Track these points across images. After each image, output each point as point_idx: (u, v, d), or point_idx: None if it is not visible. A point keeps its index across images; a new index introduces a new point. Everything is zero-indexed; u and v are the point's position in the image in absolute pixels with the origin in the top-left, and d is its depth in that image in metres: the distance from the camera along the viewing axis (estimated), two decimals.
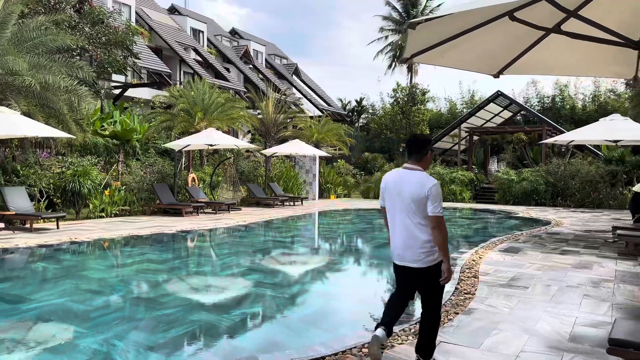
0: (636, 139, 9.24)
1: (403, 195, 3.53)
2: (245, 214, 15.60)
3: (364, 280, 7.30)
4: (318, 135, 25.12)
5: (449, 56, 3.68)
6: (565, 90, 34.24)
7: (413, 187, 3.49)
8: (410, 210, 3.50)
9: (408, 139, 3.73)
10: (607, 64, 3.94)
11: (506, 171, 23.96)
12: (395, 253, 3.68)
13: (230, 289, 6.46)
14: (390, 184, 3.67)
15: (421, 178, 3.51)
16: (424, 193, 3.44)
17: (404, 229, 3.56)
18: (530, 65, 4.01)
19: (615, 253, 9.11)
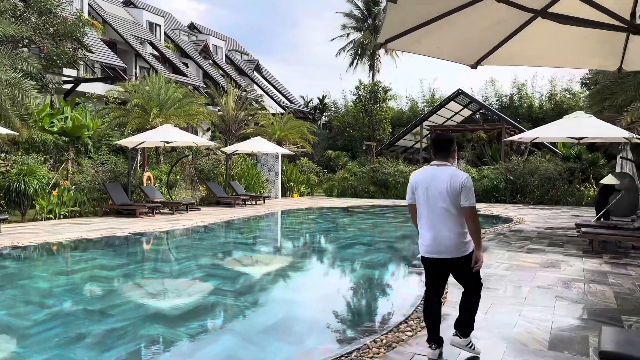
0: (599, 136, 9.25)
1: (437, 191, 3.67)
2: (205, 214, 14.99)
3: (330, 284, 6.94)
4: (280, 133, 24.67)
5: (426, 43, 3.35)
6: (523, 89, 34.97)
7: (447, 181, 3.64)
8: (445, 204, 3.64)
9: (434, 139, 3.90)
10: (591, 56, 3.73)
11: (467, 169, 24.15)
12: (429, 247, 3.75)
13: (186, 297, 5.96)
14: (421, 182, 3.79)
15: (453, 173, 3.69)
16: (458, 186, 3.61)
17: (439, 223, 3.68)
18: (510, 56, 3.74)
19: (580, 251, 9.10)
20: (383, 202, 21.86)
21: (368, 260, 8.43)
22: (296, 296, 6.01)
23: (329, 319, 5.14)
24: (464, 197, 3.60)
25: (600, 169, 21.42)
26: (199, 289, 6.35)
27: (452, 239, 3.65)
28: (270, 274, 7.38)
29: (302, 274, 7.52)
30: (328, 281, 7.00)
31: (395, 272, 7.65)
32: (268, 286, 6.63)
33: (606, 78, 12.10)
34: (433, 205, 3.69)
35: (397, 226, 13.40)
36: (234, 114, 21.61)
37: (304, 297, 5.95)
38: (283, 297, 6.06)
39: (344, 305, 5.68)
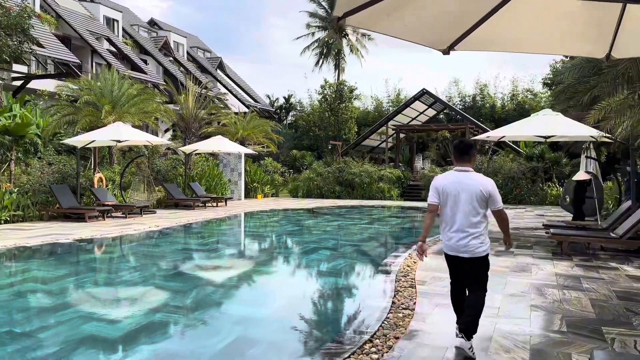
0: (567, 135, 9.02)
1: (467, 195, 3.92)
2: (160, 218, 14.17)
3: (290, 297, 6.36)
4: (243, 132, 23.92)
5: (391, 21, 2.83)
6: (485, 89, 35.25)
7: (476, 187, 3.92)
8: (472, 207, 3.91)
9: (456, 145, 4.14)
10: (577, 41, 3.32)
11: (432, 168, 24.02)
12: (455, 247, 3.99)
13: (128, 316, 5.28)
14: (448, 186, 4.01)
15: (479, 178, 3.99)
16: (487, 191, 3.91)
17: (462, 224, 3.93)
18: (487, 40, 3.29)
19: (549, 253, 8.83)
20: (349, 203, 21.44)
21: (331, 268, 7.91)
22: (252, 312, 5.41)
23: (286, 339, 4.57)
24: (493, 201, 3.94)
25: (562, 168, 21.61)
26: (144, 304, 5.67)
27: (474, 240, 3.92)
28: (225, 285, 6.75)
29: (260, 286, 6.93)
30: (287, 294, 6.42)
31: (360, 282, 7.15)
32: (222, 300, 6.01)
33: (572, 76, 12.00)
34: (462, 208, 3.94)
35: (362, 228, 12.95)
36: (193, 112, 20.72)
37: (260, 314, 5.36)
38: (238, 313, 5.45)
39: (304, 323, 5.12)
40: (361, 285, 6.78)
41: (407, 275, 6.77)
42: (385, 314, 4.97)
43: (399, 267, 7.29)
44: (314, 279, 7.13)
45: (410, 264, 7.55)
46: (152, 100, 17.68)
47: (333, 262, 8.37)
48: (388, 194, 23.68)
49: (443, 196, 4.04)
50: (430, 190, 4.18)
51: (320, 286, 6.68)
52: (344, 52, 45.47)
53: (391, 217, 16.42)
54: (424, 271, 7.04)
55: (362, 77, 71.91)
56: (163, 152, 19.39)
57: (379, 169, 24.38)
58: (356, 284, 6.86)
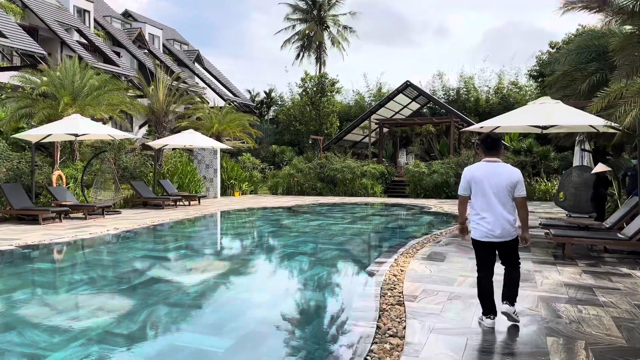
0: (569, 123, 8.13)
1: (497, 184, 4.25)
2: (123, 219, 12.99)
3: (259, 320, 5.31)
4: (219, 126, 22.72)
5: None
6: (470, 82, 34.49)
7: (506, 176, 4.26)
8: (503, 195, 4.25)
9: (485, 138, 4.51)
10: None
11: (417, 164, 23.14)
12: (489, 232, 4.31)
13: (61, 347, 4.18)
14: (479, 176, 4.34)
15: (509, 168, 4.32)
16: (515, 180, 4.26)
17: (499, 212, 4.27)
18: None
19: (550, 256, 7.93)
20: (330, 200, 20.44)
21: (307, 279, 6.88)
22: (210, 343, 4.36)
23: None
24: (519, 188, 4.26)
25: (551, 162, 20.90)
26: (76, 335, 4.55)
27: (508, 225, 4.28)
28: (182, 305, 5.66)
29: (221, 306, 5.85)
30: (251, 317, 5.37)
31: (338, 298, 6.12)
32: (175, 326, 4.93)
33: (568, 63, 11.12)
34: (496, 196, 4.26)
35: (344, 229, 11.95)
36: (164, 105, 19.46)
37: (219, 344, 4.31)
38: (191, 345, 4.38)
39: (275, 355, 4.09)
40: (339, 303, 5.76)
41: (393, 287, 5.78)
42: (368, 345, 3.96)
43: (384, 277, 6.30)
44: (285, 296, 6.09)
45: (396, 273, 6.56)
46: (117, 92, 16.37)
47: (309, 271, 7.34)
48: (371, 190, 22.74)
49: (475, 186, 4.37)
50: (461, 182, 4.53)
51: (292, 306, 5.64)
52: (325, 45, 44.38)
53: (375, 215, 15.46)
54: (413, 282, 6.06)
55: (344, 71, 71.02)
56: (131, 147, 18.08)
57: (361, 165, 23.41)
58: (334, 301, 5.84)
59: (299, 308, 5.43)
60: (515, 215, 4.32)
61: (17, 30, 27.02)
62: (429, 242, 9.39)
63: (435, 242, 9.39)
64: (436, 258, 7.71)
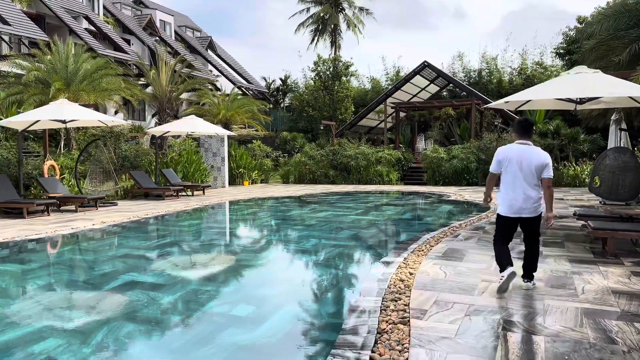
0: (613, 95, 6.86)
1: (527, 165, 4.70)
2: (117, 211, 12.13)
3: (244, 342, 4.31)
4: (227, 113, 21.73)
5: None
6: (492, 63, 32.80)
7: (536, 158, 4.71)
8: (531, 175, 4.70)
9: (520, 122, 4.92)
10: None
11: (435, 149, 21.84)
12: (515, 208, 4.76)
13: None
14: (512, 156, 4.76)
15: (539, 151, 4.80)
16: (544, 162, 4.71)
17: (525, 190, 4.70)
18: None
19: (589, 253, 6.73)
20: (343, 189, 19.34)
21: (299, 285, 5.86)
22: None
23: None
24: (547, 170, 4.71)
25: (580, 145, 19.41)
26: (30, 352, 3.60)
27: (534, 202, 4.73)
28: (151, 322, 4.68)
29: (202, 323, 4.86)
30: (239, 336, 4.36)
31: (331, 311, 5.07)
32: (153, 343, 3.94)
33: (605, 30, 9.73)
34: (525, 175, 4.70)
35: (353, 221, 10.87)
36: (167, 90, 18.52)
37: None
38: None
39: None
40: (331, 319, 4.69)
41: (398, 298, 4.69)
42: None
43: (389, 283, 5.22)
44: (271, 309, 5.06)
45: (404, 277, 5.47)
46: (114, 77, 15.46)
47: (305, 274, 6.31)
48: (387, 177, 21.56)
49: (506, 164, 4.76)
50: (493, 160, 4.90)
51: (277, 323, 4.61)
52: (341, 27, 42.92)
53: (389, 205, 14.31)
54: (424, 290, 4.97)
55: (361, 57, 69.07)
56: (131, 135, 17.20)
57: (376, 151, 22.20)
58: (326, 316, 4.79)
59: (282, 329, 4.39)
60: (541, 194, 4.76)
61: (21, 17, 26.39)
62: (445, 235, 8.25)
63: (453, 235, 8.24)
64: (453, 256, 6.58)
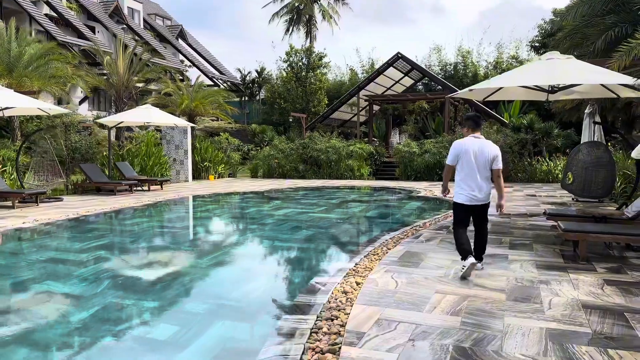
0: (588, 81, 6.22)
1: (482, 156, 5.13)
2: (57, 207, 11.15)
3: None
4: (190, 103, 20.72)
5: None
6: (468, 57, 32.35)
7: (488, 150, 5.16)
8: (484, 166, 5.15)
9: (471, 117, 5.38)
10: None
11: (407, 143, 21.22)
12: (472, 196, 5.18)
13: None
14: (470, 148, 5.14)
15: (491, 144, 5.25)
16: (495, 154, 5.18)
17: (480, 179, 5.15)
18: None
19: (558, 257, 6.10)
20: (312, 183, 18.59)
21: (234, 302, 5.08)
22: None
23: None
24: (497, 161, 5.17)
25: (554, 140, 19.01)
26: None
27: (487, 191, 5.21)
28: (60, 350, 3.85)
29: (111, 347, 4.05)
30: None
31: (254, 331, 4.31)
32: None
33: (580, 16, 9.13)
34: (479, 166, 5.13)
35: (312, 219, 10.12)
36: (125, 78, 17.44)
37: None
38: None
39: None
40: (250, 345, 3.93)
41: (336, 316, 3.96)
42: None
43: (330, 296, 4.49)
44: (197, 330, 4.28)
45: (349, 288, 4.74)
46: (61, 63, 14.36)
47: (239, 285, 5.53)
48: (358, 172, 20.87)
49: (463, 156, 5.17)
50: (450, 153, 5.30)
51: (199, 349, 3.82)
52: (316, 18, 42.01)
53: (354, 201, 13.60)
54: (368, 305, 4.24)
55: (339, 50, 68.32)
56: (83, 126, 16.11)
57: (347, 145, 21.47)
58: (244, 340, 4.02)
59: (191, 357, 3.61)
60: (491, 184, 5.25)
61: None
62: (406, 236, 7.56)
63: (415, 236, 7.56)
64: (410, 261, 5.88)
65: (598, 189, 10.27)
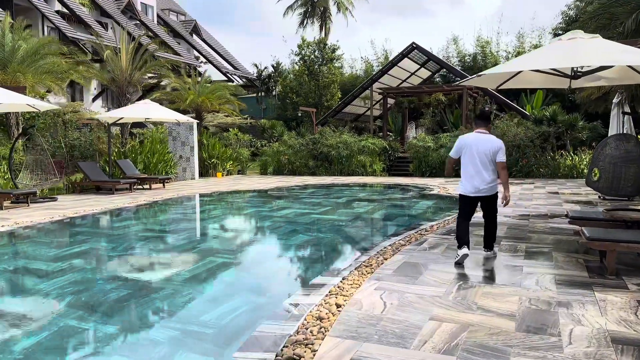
0: (610, 62, 5.31)
1: (482, 150, 5.41)
2: (48, 209, 10.63)
3: None
4: (196, 98, 20.13)
5: None
6: (487, 47, 31.10)
7: (489, 144, 5.42)
8: (487, 160, 5.41)
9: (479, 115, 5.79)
10: None
11: (422, 137, 20.27)
12: (474, 188, 5.49)
13: None
14: (469, 143, 5.51)
15: (494, 138, 5.49)
16: (497, 148, 5.41)
17: (481, 172, 5.43)
18: None
19: (582, 269, 5.22)
20: (321, 180, 17.82)
21: (189, 329, 4.36)
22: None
23: None
24: (500, 155, 5.41)
25: (578, 133, 17.85)
26: None
27: (489, 182, 5.45)
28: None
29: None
30: None
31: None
32: None
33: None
34: (481, 159, 5.41)
35: (312, 221, 9.35)
36: (128, 73, 16.90)
37: None
38: None
39: None
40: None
41: (299, 356, 3.20)
42: None
43: (300, 323, 3.74)
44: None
45: (326, 312, 3.98)
46: (56, 56, 13.85)
47: (207, 305, 4.82)
48: (370, 168, 20.02)
49: (464, 150, 5.51)
50: (454, 146, 5.68)
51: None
52: (330, 10, 41.12)
53: (361, 200, 12.76)
54: (343, 338, 3.47)
55: (352, 43, 67.11)
56: (82, 122, 15.61)
57: (358, 140, 20.62)
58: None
59: None
60: (496, 176, 5.49)
61: None
62: (409, 242, 6.75)
63: (418, 242, 6.74)
64: (406, 275, 5.09)
65: (628, 187, 9.27)
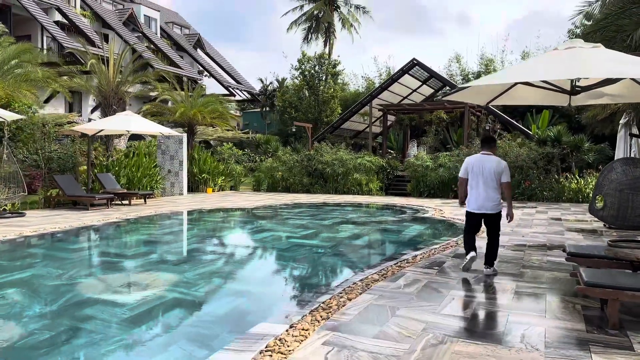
0: (614, 75, 4.53)
1: (489, 170, 5.87)
2: (4, 226, 9.89)
3: None
4: (187, 111, 19.48)
5: None
6: (491, 65, 30.44)
7: (494, 165, 5.89)
8: (490, 179, 5.87)
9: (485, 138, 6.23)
10: None
11: (421, 156, 19.46)
12: (478, 206, 5.97)
13: None
14: (474, 164, 6.01)
15: (499, 160, 5.97)
16: (501, 169, 5.88)
17: (485, 191, 5.89)
18: None
19: (579, 320, 4.35)
20: (313, 199, 17.01)
21: None
22: None
23: None
24: (504, 176, 5.87)
25: (584, 155, 16.97)
26: None
27: (493, 201, 5.92)
28: None
29: None
30: None
31: None
32: None
33: (611, 4, 7.39)
34: (486, 179, 5.87)
35: (286, 249, 8.52)
36: (114, 83, 16.30)
37: None
38: None
39: None
40: None
41: None
42: None
43: None
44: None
45: None
46: (34, 64, 13.27)
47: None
48: (366, 187, 19.20)
49: (472, 170, 5.99)
50: (462, 167, 6.16)
51: None
52: (335, 26, 40.71)
53: (348, 223, 11.75)
54: None
55: (359, 60, 66.74)
56: (58, 134, 14.93)
57: (354, 157, 19.85)
58: None
59: None
60: (500, 196, 5.97)
61: None
62: (384, 277, 5.90)
63: (394, 277, 5.89)
64: (369, 321, 4.26)
65: (636, 217, 8.39)
